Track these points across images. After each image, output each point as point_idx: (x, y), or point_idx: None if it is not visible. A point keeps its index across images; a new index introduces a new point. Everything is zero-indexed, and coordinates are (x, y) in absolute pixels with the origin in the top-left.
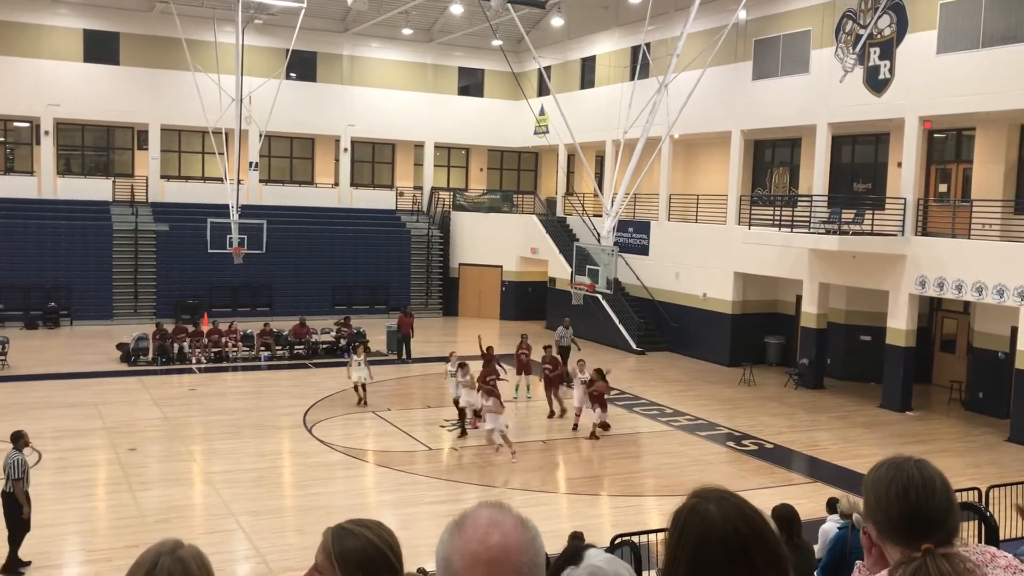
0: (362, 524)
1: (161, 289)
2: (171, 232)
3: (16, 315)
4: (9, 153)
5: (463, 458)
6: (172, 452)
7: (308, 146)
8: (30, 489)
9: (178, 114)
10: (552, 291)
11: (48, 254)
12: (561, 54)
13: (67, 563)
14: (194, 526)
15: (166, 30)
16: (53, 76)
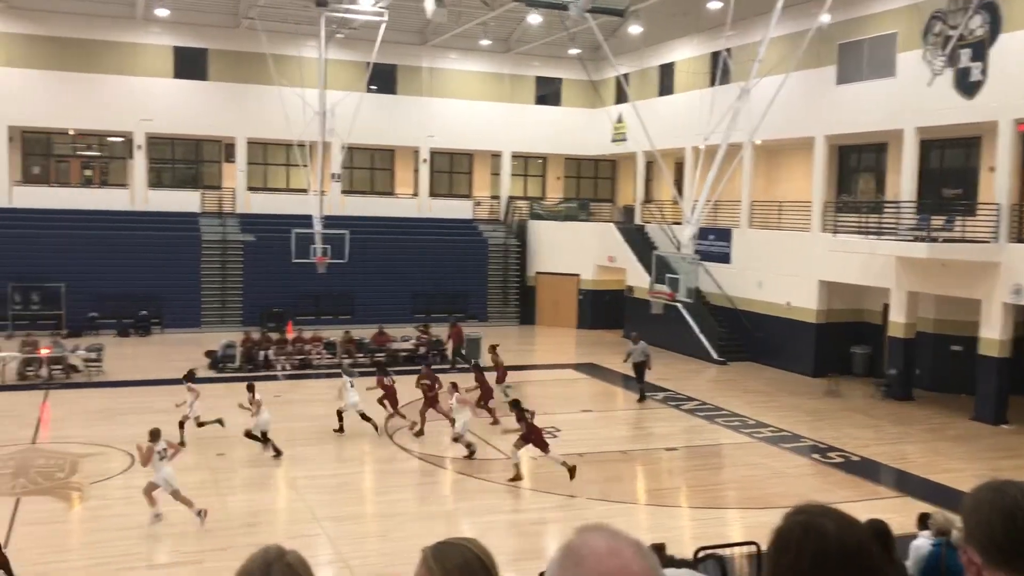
0: (460, 540)
1: (247, 298)
2: (257, 242)
3: (110, 323)
4: (104, 167)
5: (543, 467)
6: (258, 458)
7: (388, 157)
8: (124, 491)
9: (264, 127)
10: (630, 300)
11: (140, 264)
12: (639, 61)
13: (158, 564)
14: (278, 530)
15: (252, 46)
16: (145, 92)
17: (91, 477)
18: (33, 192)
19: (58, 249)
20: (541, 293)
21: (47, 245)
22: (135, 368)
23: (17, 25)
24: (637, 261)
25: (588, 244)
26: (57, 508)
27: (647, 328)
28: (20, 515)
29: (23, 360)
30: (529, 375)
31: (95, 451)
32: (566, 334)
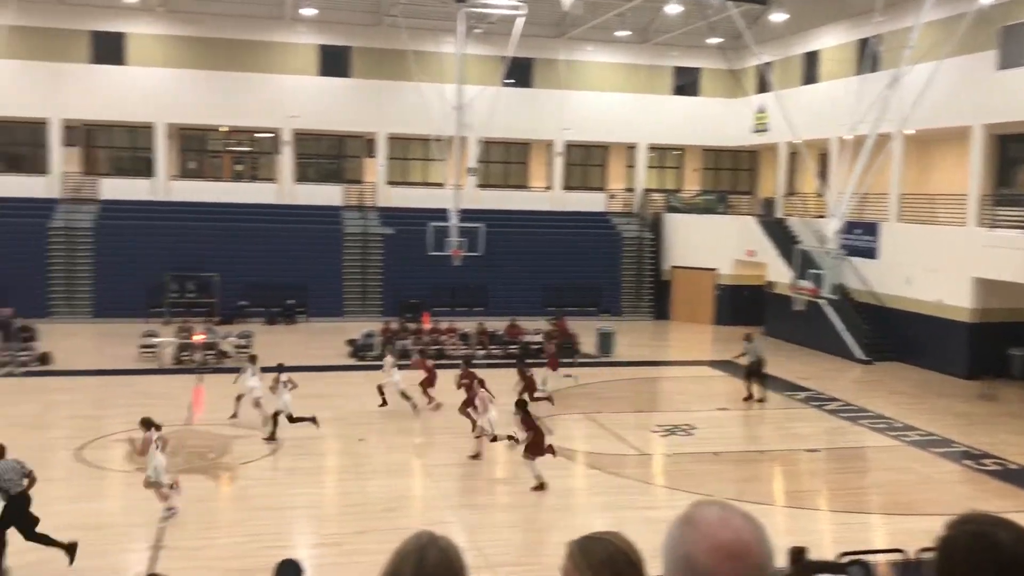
0: (605, 534)
1: (387, 289)
2: (396, 235)
3: (258, 311)
4: (254, 162)
5: (678, 464)
6: (395, 444)
7: (523, 151)
8: (271, 473)
9: (403, 123)
10: (770, 296)
11: (286, 255)
12: (782, 49)
13: (299, 544)
14: (414, 516)
15: (393, 43)
16: (292, 90)
17: (240, 458)
18: (189, 186)
19: (211, 240)
20: (676, 288)
21: (201, 236)
22: (282, 355)
23: (175, 28)
24: (778, 256)
25: (726, 238)
26: (209, 487)
27: (788, 325)
28: None
29: (179, 345)
30: (663, 371)
31: (243, 434)
32: (702, 330)
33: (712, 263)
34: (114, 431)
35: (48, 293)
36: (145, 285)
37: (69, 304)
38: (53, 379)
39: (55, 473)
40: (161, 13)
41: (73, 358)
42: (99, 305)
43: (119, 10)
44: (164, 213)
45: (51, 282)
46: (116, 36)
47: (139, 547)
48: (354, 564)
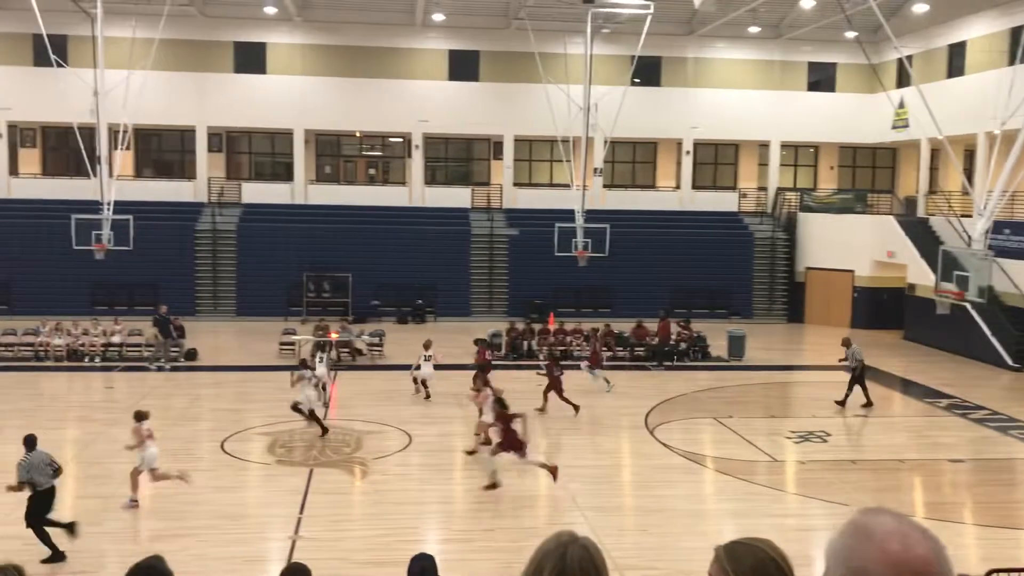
0: (754, 540)
1: (513, 289)
2: (522, 236)
3: (390, 311)
4: (386, 166)
5: (812, 472)
6: None
7: (650, 150)
8: (403, 469)
9: (530, 125)
10: (911, 299)
11: (416, 256)
12: (924, 41)
13: (429, 540)
14: (541, 516)
15: (520, 45)
16: (422, 95)
17: (373, 453)
18: (325, 190)
19: (345, 242)
20: (811, 290)
21: (336, 238)
22: (412, 353)
23: (312, 37)
24: (920, 257)
25: (864, 238)
26: (344, 480)
27: (930, 330)
28: (314, 484)
29: (315, 343)
30: (797, 375)
31: (376, 429)
32: (838, 334)
33: (849, 264)
34: (255, 425)
35: (195, 292)
36: (284, 285)
37: (214, 303)
38: (199, 374)
39: (201, 464)
40: (299, 23)
41: (217, 354)
42: (241, 304)
43: (260, 21)
44: (301, 216)
45: (198, 282)
46: (257, 46)
47: (278, 536)
48: (483, 560)
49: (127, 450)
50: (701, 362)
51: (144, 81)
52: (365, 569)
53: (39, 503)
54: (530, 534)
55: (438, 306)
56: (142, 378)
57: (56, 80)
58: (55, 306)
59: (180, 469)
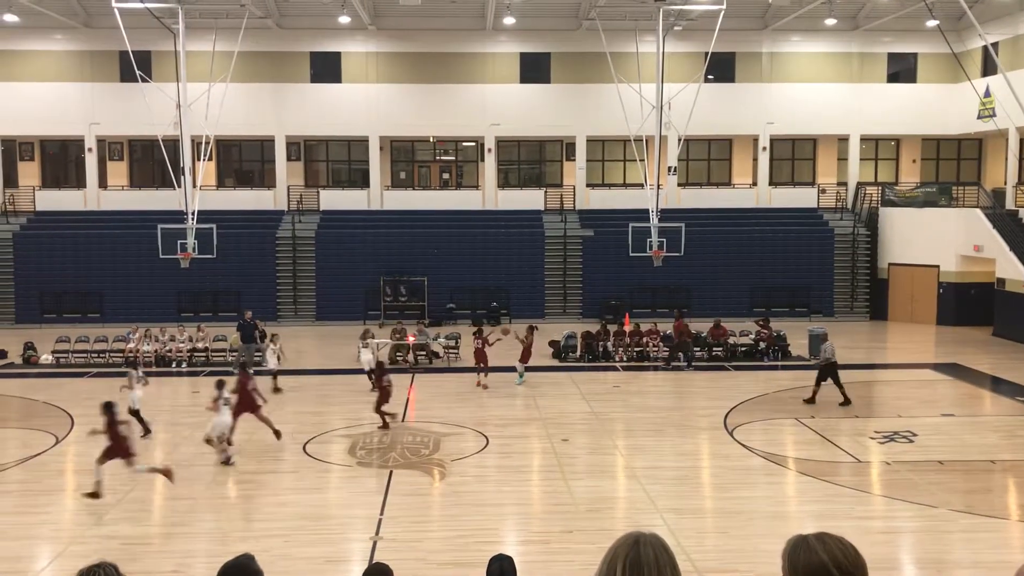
0: (823, 539)
1: (587, 290)
2: (595, 237)
3: (464, 313)
4: (459, 170)
5: (897, 473)
6: (599, 445)
7: (725, 147)
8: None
9: (602, 125)
10: (1000, 294)
11: (490, 259)
12: (1011, 27)
13: (507, 541)
14: (620, 518)
15: (591, 46)
16: (494, 98)
17: (451, 455)
18: (400, 195)
19: (421, 246)
20: (894, 286)
21: (411, 242)
22: (487, 354)
23: (387, 45)
24: (1009, 250)
25: (950, 232)
26: (423, 482)
27: (1023, 326)
28: (393, 485)
29: (393, 346)
30: (880, 374)
31: (454, 431)
32: (923, 331)
33: (934, 259)
34: (336, 427)
35: (276, 298)
36: (362, 289)
37: (294, 308)
38: (281, 378)
39: (284, 465)
40: (372, 32)
41: (298, 358)
42: (320, 308)
43: (335, 31)
44: (378, 222)
45: (279, 288)
46: (332, 56)
47: (359, 537)
48: (561, 563)
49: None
50: (781, 361)
51: (224, 93)
52: (444, 570)
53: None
54: (608, 536)
55: (512, 308)
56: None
57: (141, 95)
58: (143, 313)
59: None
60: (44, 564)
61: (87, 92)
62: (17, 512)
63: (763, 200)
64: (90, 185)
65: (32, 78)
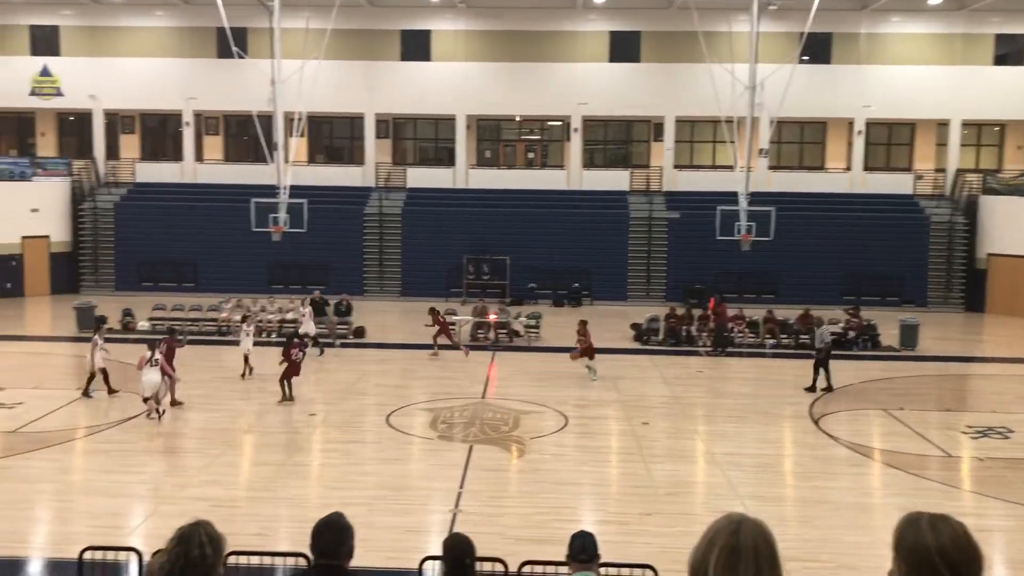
0: (937, 522)
1: (671, 273)
2: (682, 219)
3: (546, 294)
4: (544, 149)
5: (990, 470)
6: (680, 429)
7: (819, 130)
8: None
9: (691, 105)
10: None
11: (573, 239)
12: None
13: (584, 520)
14: (698, 503)
15: (683, 25)
16: (582, 77)
17: (530, 432)
18: (485, 174)
19: (504, 225)
20: (994, 277)
21: (495, 221)
22: (568, 336)
23: (474, 23)
24: None
25: None
26: (502, 458)
27: None
28: (473, 460)
29: (475, 324)
30: (976, 367)
31: (533, 409)
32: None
33: None
34: (418, 400)
35: (362, 273)
36: (445, 267)
37: (380, 283)
38: (366, 351)
39: (367, 436)
40: (462, 10)
41: (383, 332)
42: (405, 284)
43: (425, 9)
44: (462, 200)
45: (365, 263)
46: (422, 34)
47: (439, 509)
48: (639, 544)
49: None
50: (871, 351)
51: (317, 70)
52: (521, 545)
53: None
54: (687, 520)
55: (594, 290)
56: (312, 353)
57: (237, 71)
58: (236, 284)
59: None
60: (138, 522)
61: (185, 68)
62: (114, 471)
63: (857, 185)
64: (187, 158)
65: (134, 54)
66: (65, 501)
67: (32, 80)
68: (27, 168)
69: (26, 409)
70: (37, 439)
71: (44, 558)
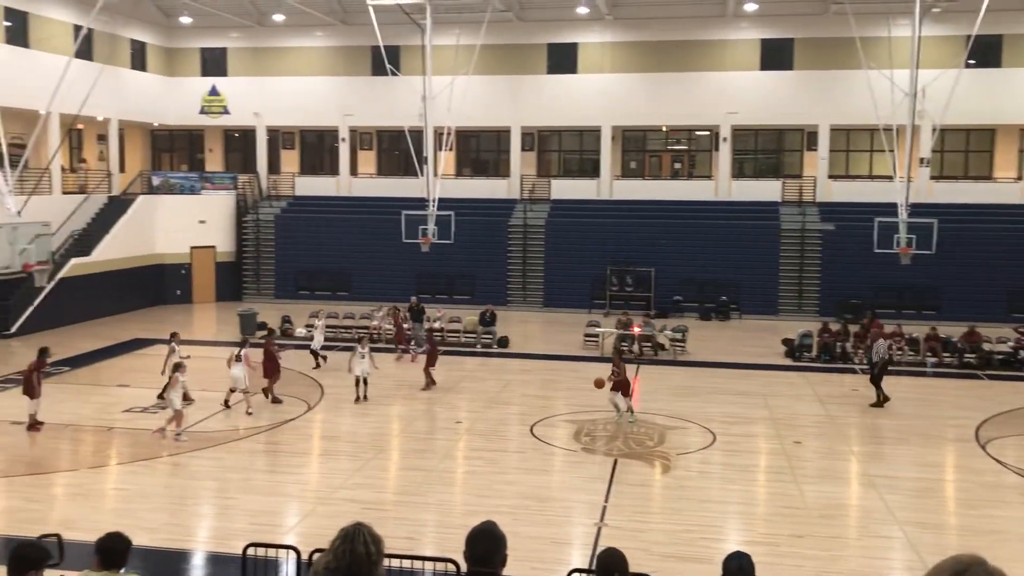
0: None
1: (825, 287)
2: (837, 231)
3: (692, 306)
4: (691, 160)
5: None
6: (833, 449)
7: (987, 138)
8: (705, 466)
9: (847, 113)
10: None
11: (721, 251)
12: None
13: (732, 540)
14: (852, 526)
15: (839, 31)
16: (731, 86)
17: (676, 449)
18: (629, 185)
19: (649, 236)
20: None
21: (640, 232)
22: (714, 350)
23: (621, 35)
24: None
25: None
26: (647, 473)
27: None
28: (617, 474)
29: (618, 336)
30: None
31: (678, 425)
32: None
33: None
34: (561, 412)
35: (506, 283)
36: (588, 278)
37: (523, 294)
38: (510, 360)
39: (510, 445)
40: (609, 22)
41: (526, 342)
42: (548, 295)
43: (572, 22)
44: (606, 211)
45: (509, 274)
46: (569, 47)
47: (582, 522)
48: (789, 567)
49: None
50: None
51: (466, 86)
52: (667, 563)
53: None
54: (840, 544)
55: (743, 303)
56: (459, 362)
57: (390, 88)
58: (386, 293)
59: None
60: (294, 521)
61: (342, 85)
62: (271, 471)
63: None
64: (342, 172)
65: (294, 73)
66: (227, 498)
67: (202, 99)
68: (196, 182)
69: (193, 409)
70: (203, 438)
71: (208, 552)
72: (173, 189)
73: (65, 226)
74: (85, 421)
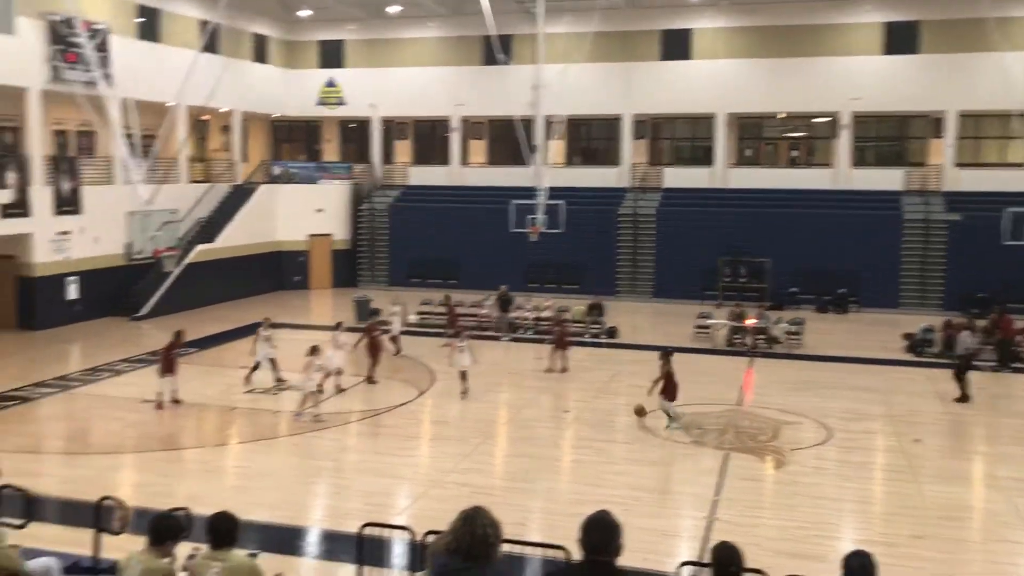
0: None
1: (950, 280)
2: (964, 221)
3: (809, 298)
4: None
5: None
6: (956, 448)
7: None
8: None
9: (978, 98)
10: None
11: (839, 242)
12: None
13: (846, 538)
14: (976, 529)
15: (970, 11)
16: (853, 71)
17: (790, 444)
18: (744, 173)
19: (764, 226)
20: None
21: (755, 222)
22: (832, 344)
23: (737, 20)
24: None
25: None
26: (759, 468)
27: None
28: (729, 468)
29: (731, 328)
30: None
31: (793, 419)
32: None
33: None
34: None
35: (615, 273)
36: (700, 268)
37: (632, 284)
38: (619, 351)
39: (618, 436)
40: (724, 7)
41: (635, 333)
42: (658, 286)
43: (687, 8)
44: (720, 200)
45: (618, 263)
46: (683, 33)
47: (692, 515)
48: (909, 569)
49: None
50: None
51: (578, 74)
52: (779, 559)
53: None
54: (962, 547)
55: (862, 296)
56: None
57: (501, 77)
58: (496, 282)
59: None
60: (407, 503)
61: (453, 75)
62: (386, 453)
63: None
64: (453, 162)
65: (407, 64)
66: (343, 478)
67: (320, 91)
68: (314, 172)
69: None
70: (319, 420)
71: (325, 529)
72: (292, 178)
73: (191, 214)
74: (210, 401)
